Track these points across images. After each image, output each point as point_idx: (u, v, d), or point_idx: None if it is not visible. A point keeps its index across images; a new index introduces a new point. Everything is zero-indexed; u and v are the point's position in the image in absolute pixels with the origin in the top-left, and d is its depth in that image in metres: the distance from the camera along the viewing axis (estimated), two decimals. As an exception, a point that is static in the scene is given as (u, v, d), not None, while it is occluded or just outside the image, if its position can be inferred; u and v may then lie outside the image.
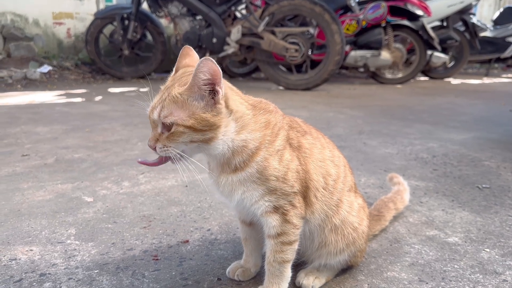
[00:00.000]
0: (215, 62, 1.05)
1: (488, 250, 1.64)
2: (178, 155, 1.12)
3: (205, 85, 1.07)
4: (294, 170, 1.19)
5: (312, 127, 1.39)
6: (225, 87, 1.11)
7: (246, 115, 1.16)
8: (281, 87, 6.90)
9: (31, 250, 1.59)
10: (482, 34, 9.62)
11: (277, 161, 1.16)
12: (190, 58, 1.25)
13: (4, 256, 1.54)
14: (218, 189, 1.23)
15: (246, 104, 1.19)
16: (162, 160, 1.15)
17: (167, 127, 1.09)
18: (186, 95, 1.08)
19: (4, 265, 1.48)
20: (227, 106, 1.12)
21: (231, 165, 1.17)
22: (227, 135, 1.12)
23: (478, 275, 1.45)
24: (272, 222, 1.20)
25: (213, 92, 1.08)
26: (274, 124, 1.20)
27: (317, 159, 1.27)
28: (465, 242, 1.70)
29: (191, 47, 1.27)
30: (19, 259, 1.52)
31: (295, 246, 1.25)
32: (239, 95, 1.22)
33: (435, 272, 1.47)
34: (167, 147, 1.11)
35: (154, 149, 1.12)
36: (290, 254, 1.25)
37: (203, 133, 1.09)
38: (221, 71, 1.06)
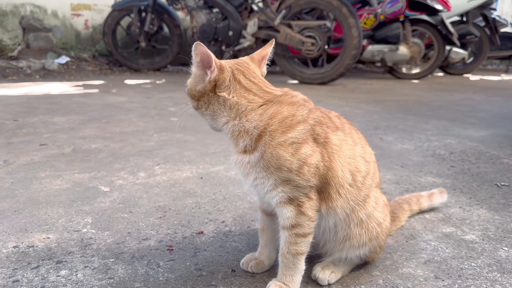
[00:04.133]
0: (204, 46, 1.18)
1: (506, 248, 1.61)
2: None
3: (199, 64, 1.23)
4: (313, 165, 1.19)
5: (347, 122, 1.38)
6: (231, 77, 1.23)
7: (242, 105, 1.22)
8: (296, 81, 6.86)
9: (48, 237, 1.61)
10: (503, 29, 9.39)
11: (290, 153, 1.16)
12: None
13: (22, 243, 1.57)
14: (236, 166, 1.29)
15: (253, 98, 1.23)
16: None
17: None
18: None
19: (22, 252, 1.51)
20: (215, 91, 1.23)
21: (239, 145, 1.23)
22: (215, 113, 1.25)
23: (495, 273, 1.43)
24: (286, 213, 1.21)
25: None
26: (286, 116, 1.19)
27: (346, 156, 1.26)
28: (483, 240, 1.68)
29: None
30: (36, 246, 1.55)
31: (310, 238, 1.25)
32: (254, 88, 1.25)
33: (451, 270, 1.45)
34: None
35: None
36: (304, 246, 1.24)
37: (192, 100, 1.29)
38: (211, 54, 1.19)
